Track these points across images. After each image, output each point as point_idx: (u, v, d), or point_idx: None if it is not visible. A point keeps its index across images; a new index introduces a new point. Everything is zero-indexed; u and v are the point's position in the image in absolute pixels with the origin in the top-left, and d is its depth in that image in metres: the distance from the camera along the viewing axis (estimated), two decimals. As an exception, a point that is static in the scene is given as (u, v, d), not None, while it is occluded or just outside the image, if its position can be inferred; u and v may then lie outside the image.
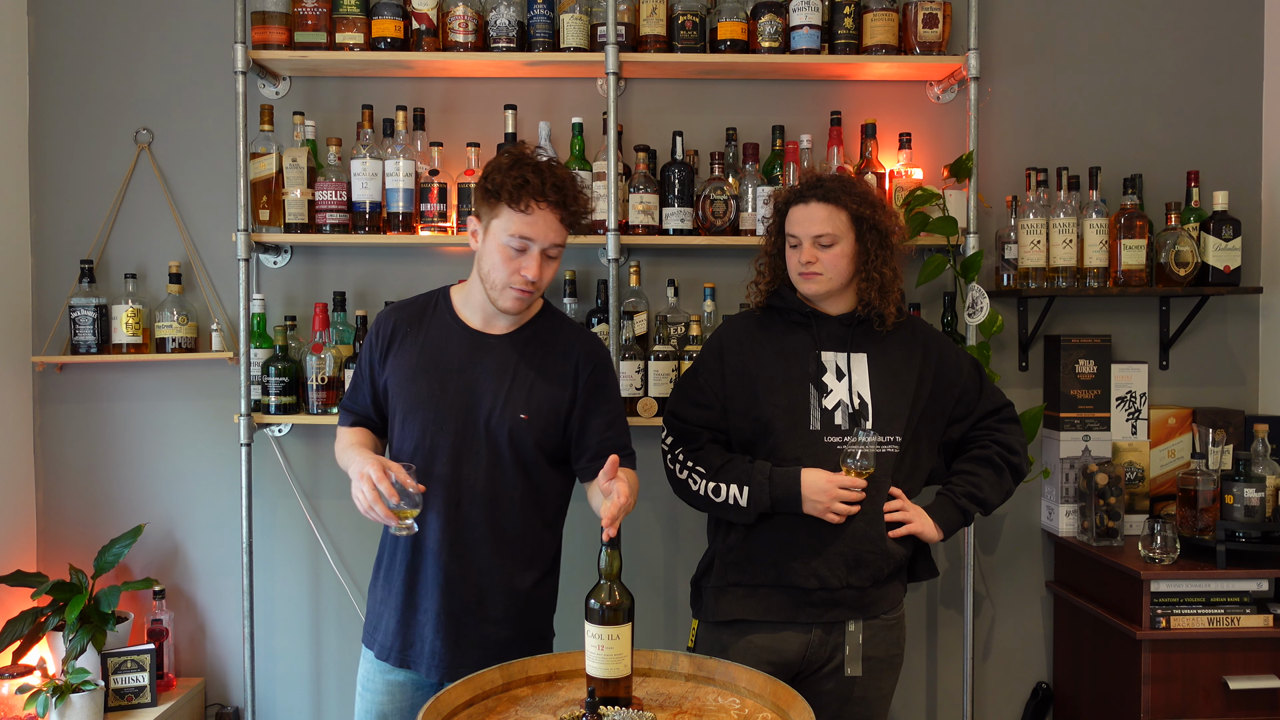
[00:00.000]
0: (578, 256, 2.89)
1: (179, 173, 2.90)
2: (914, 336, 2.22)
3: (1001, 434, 2.23)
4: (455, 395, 2.02)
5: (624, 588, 1.70)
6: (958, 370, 2.23)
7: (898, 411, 2.14)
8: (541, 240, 1.94)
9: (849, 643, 2.13)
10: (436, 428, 2.01)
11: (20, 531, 2.86)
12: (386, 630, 2.07)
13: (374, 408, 2.13)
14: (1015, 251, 2.83)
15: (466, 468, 2.01)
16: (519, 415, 2.00)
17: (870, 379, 2.14)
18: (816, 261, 2.11)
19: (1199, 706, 2.48)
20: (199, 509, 2.93)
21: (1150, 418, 2.91)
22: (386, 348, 2.09)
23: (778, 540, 2.12)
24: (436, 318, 2.09)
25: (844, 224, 2.11)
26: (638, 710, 1.67)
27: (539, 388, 2.03)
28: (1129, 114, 2.98)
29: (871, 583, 2.12)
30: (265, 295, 2.83)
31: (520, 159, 1.96)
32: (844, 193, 2.12)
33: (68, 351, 2.79)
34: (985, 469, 2.20)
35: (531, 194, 1.91)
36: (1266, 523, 2.53)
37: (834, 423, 2.12)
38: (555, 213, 1.94)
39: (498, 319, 2.06)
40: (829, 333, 2.17)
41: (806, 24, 2.74)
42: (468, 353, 2.04)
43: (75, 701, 2.50)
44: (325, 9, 2.73)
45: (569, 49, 2.74)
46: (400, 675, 2.08)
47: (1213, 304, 2.96)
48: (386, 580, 2.09)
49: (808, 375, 2.14)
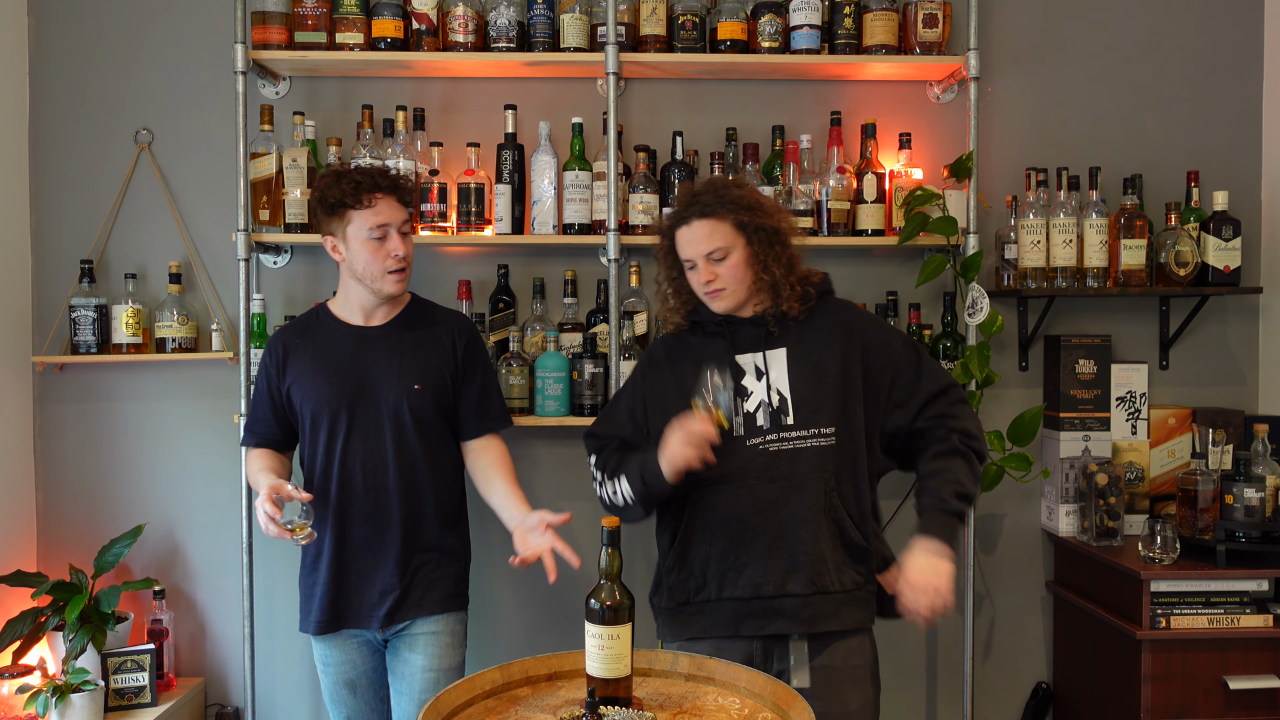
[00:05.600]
0: (578, 256, 2.89)
1: (179, 173, 2.90)
2: (835, 320, 2.14)
3: (956, 420, 2.09)
4: (354, 383, 2.28)
5: (624, 588, 1.70)
6: (887, 350, 2.12)
7: (823, 402, 2.06)
8: (394, 221, 2.23)
9: (793, 652, 2.06)
10: (346, 417, 2.27)
11: (20, 531, 2.86)
12: (317, 606, 2.29)
13: (276, 422, 2.36)
14: (1015, 251, 2.83)
15: (375, 443, 2.27)
16: (413, 386, 2.28)
17: (789, 373, 2.08)
18: (717, 278, 2.07)
19: (1199, 706, 2.48)
20: (199, 509, 2.93)
21: (1150, 418, 2.91)
22: (282, 362, 2.34)
23: (712, 553, 2.08)
24: (320, 326, 2.35)
25: (730, 232, 2.05)
26: (638, 710, 1.67)
27: (425, 361, 2.31)
28: (1129, 114, 2.98)
29: (814, 590, 2.03)
30: (265, 295, 2.83)
31: (340, 172, 2.24)
32: (720, 203, 2.05)
33: (68, 351, 2.79)
34: (956, 460, 2.06)
35: (368, 190, 2.20)
36: (1266, 523, 2.53)
37: (756, 424, 2.07)
38: (392, 196, 2.24)
39: (376, 313, 2.33)
40: (743, 335, 2.13)
41: (806, 24, 2.74)
42: (356, 346, 2.31)
43: (75, 701, 2.50)
44: (325, 9, 2.73)
45: (569, 49, 2.75)
46: (349, 641, 2.33)
47: (1213, 304, 2.96)
48: (313, 565, 2.32)
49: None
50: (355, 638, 2.34)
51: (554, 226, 2.76)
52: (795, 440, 2.06)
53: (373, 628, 2.30)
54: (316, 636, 2.33)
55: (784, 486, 2.04)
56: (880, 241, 2.77)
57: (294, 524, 2.11)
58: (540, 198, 2.76)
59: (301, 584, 2.36)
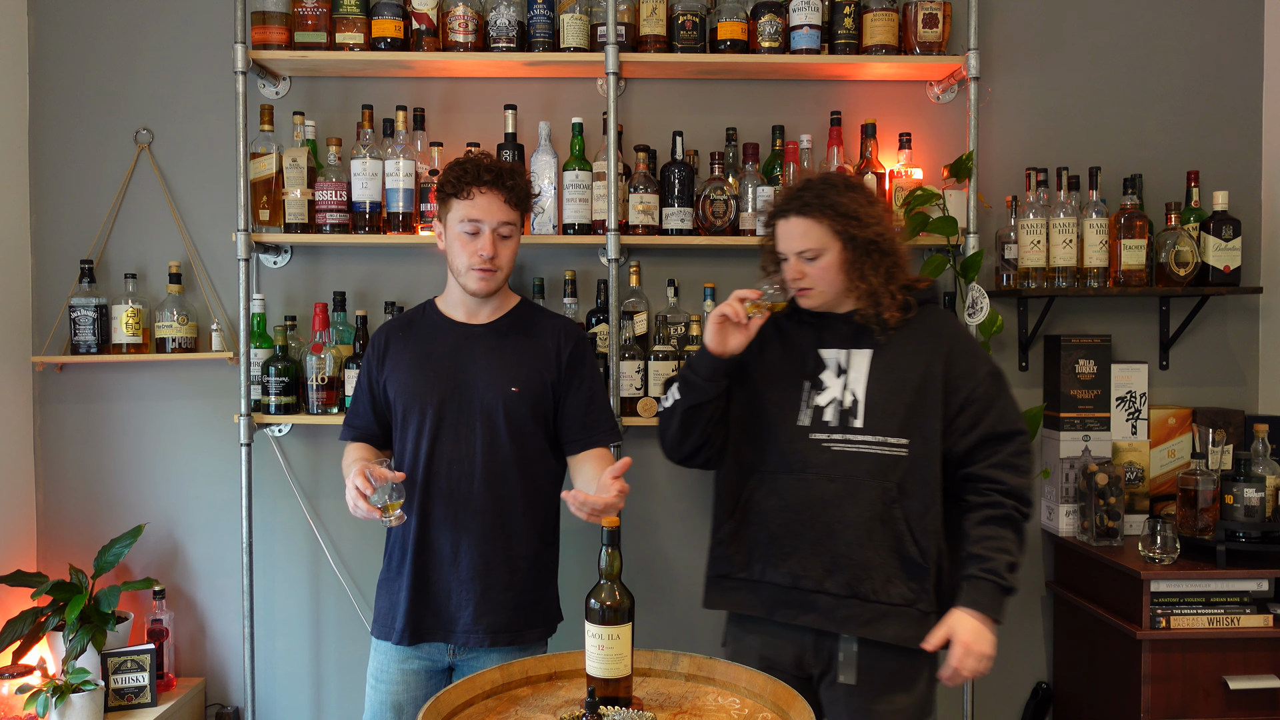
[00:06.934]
0: (578, 256, 2.89)
1: (179, 173, 2.90)
2: (928, 332, 2.09)
3: (1014, 477, 2.01)
4: (449, 378, 2.18)
5: (624, 588, 1.70)
6: (970, 373, 2.06)
7: (894, 412, 2.03)
8: (489, 220, 2.13)
9: (842, 649, 2.05)
10: (436, 413, 2.17)
11: (20, 531, 2.86)
12: (401, 614, 2.17)
13: (375, 417, 2.28)
14: (1015, 251, 2.83)
15: (465, 445, 2.16)
16: (510, 389, 2.17)
17: (869, 376, 2.07)
18: (805, 276, 2.06)
19: (1199, 706, 2.48)
20: (199, 509, 2.93)
21: (1150, 418, 2.91)
22: (383, 355, 2.27)
23: (760, 536, 2.10)
24: (424, 320, 2.28)
25: (826, 235, 2.02)
26: (638, 710, 1.67)
27: (525, 364, 2.20)
28: (1129, 114, 2.98)
29: (850, 594, 2.01)
30: (265, 295, 2.83)
31: (461, 161, 2.17)
32: (821, 204, 2.02)
33: (68, 351, 2.79)
34: (1009, 530, 2.01)
35: (470, 181, 2.12)
36: (1266, 523, 2.53)
37: (823, 419, 2.07)
38: (497, 193, 2.13)
39: (480, 310, 2.24)
40: (833, 330, 2.13)
41: (806, 24, 2.74)
42: (456, 341, 2.22)
43: (75, 701, 2.50)
44: (325, 9, 2.73)
45: (569, 49, 2.74)
46: (415, 664, 2.21)
47: (1213, 304, 2.96)
48: (398, 570, 2.20)
49: (804, 372, 2.12)
50: (422, 658, 2.21)
51: (554, 226, 2.76)
52: (860, 444, 2.04)
53: (451, 642, 2.18)
54: (396, 645, 2.19)
55: (840, 487, 2.03)
56: (880, 241, 2.77)
57: (386, 504, 2.00)
58: (540, 198, 2.76)
59: (382, 587, 2.25)
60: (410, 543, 2.18)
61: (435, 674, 2.23)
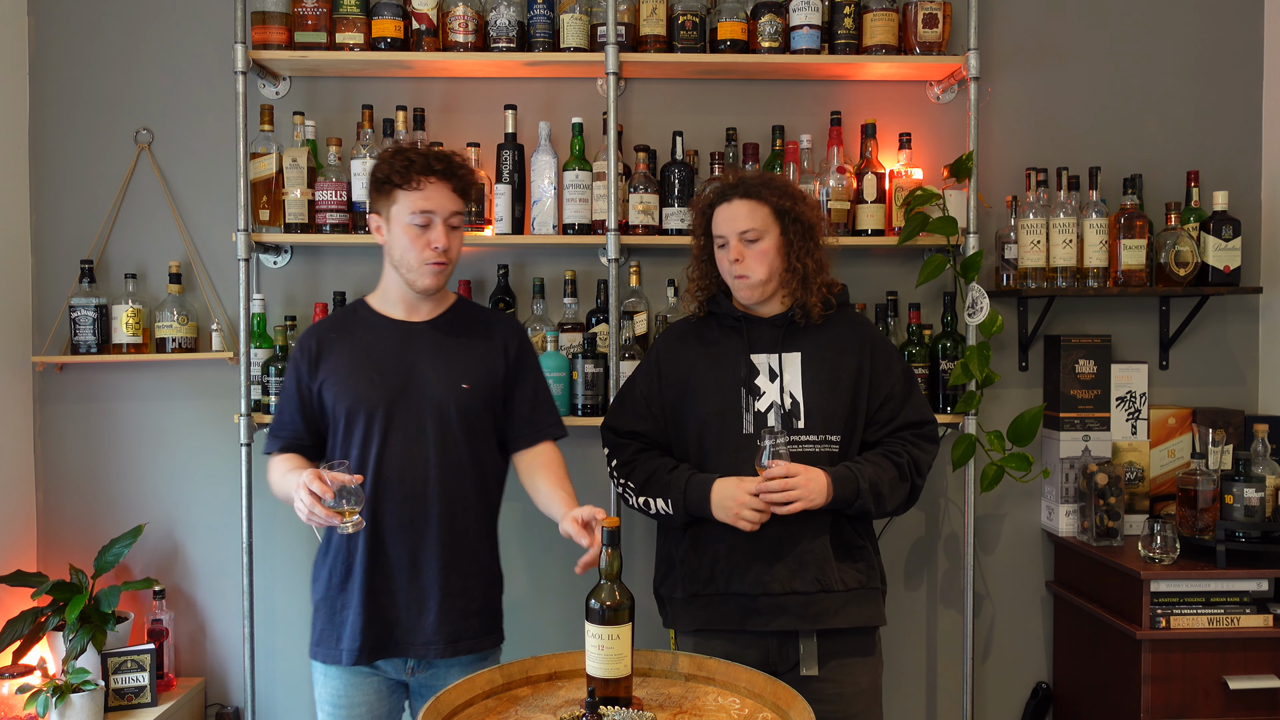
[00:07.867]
0: (578, 256, 2.89)
1: (179, 173, 2.90)
2: (853, 331, 2.20)
3: (918, 450, 2.15)
4: (396, 380, 2.10)
5: (624, 588, 1.70)
6: (888, 371, 2.18)
7: (833, 409, 2.12)
8: (441, 210, 2.07)
9: (803, 644, 2.10)
10: (385, 416, 2.08)
11: (20, 531, 2.86)
12: (352, 632, 2.07)
13: (304, 425, 2.17)
14: (1015, 251, 2.83)
15: (417, 446, 2.09)
16: (461, 385, 2.11)
17: (803, 378, 2.13)
18: (744, 259, 2.10)
19: (1199, 706, 2.48)
20: (199, 509, 2.93)
21: (1150, 418, 2.91)
22: (315, 359, 2.15)
23: (722, 549, 2.11)
24: (359, 320, 2.18)
25: (767, 218, 2.11)
26: (638, 710, 1.67)
27: (476, 360, 2.15)
28: (1129, 114, 2.98)
29: (819, 588, 2.07)
30: (265, 295, 2.83)
31: (399, 149, 2.10)
32: (765, 187, 2.12)
33: (68, 351, 2.79)
34: (892, 468, 2.11)
35: (419, 171, 2.04)
36: (1266, 523, 2.53)
37: (767, 424, 2.11)
38: (446, 183, 2.07)
39: (420, 307, 2.17)
40: (760, 335, 2.16)
41: (806, 24, 2.74)
42: (399, 341, 2.14)
43: (75, 701, 2.50)
44: (325, 9, 2.73)
45: (569, 49, 2.74)
46: (374, 681, 2.13)
47: (1213, 304, 2.96)
48: (341, 585, 2.10)
49: (739, 379, 2.14)
50: (378, 675, 2.12)
51: (554, 226, 2.76)
52: (805, 444, 2.11)
53: (411, 656, 2.09)
54: (349, 666, 2.08)
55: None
56: (880, 241, 2.77)
57: (344, 508, 1.87)
58: (540, 198, 2.76)
59: (323, 606, 2.12)
60: (360, 553, 2.07)
61: (394, 686, 2.15)
